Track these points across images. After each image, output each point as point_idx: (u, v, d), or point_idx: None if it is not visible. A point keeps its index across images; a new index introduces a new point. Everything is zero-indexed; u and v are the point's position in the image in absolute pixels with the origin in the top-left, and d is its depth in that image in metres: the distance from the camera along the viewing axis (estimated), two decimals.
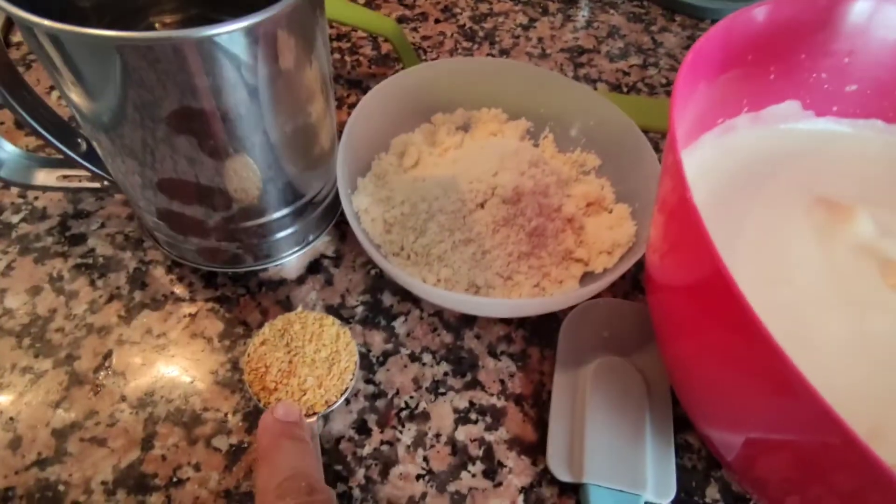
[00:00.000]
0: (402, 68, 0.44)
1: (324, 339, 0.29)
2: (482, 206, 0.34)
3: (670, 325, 0.27)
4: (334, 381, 0.28)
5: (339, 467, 0.28)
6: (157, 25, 0.32)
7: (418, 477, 0.28)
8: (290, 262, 0.35)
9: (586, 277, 0.34)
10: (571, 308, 0.33)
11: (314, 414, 0.27)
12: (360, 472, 0.28)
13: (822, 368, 0.25)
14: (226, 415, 0.29)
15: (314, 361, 0.28)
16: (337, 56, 0.48)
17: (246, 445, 0.28)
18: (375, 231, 0.34)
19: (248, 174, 0.28)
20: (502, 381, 0.31)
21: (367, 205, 0.34)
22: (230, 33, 0.22)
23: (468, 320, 0.34)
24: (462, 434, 0.29)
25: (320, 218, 0.35)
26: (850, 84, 0.34)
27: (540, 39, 0.53)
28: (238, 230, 0.31)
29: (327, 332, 0.29)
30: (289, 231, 0.33)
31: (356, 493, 0.27)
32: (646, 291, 0.32)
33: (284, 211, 0.31)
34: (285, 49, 0.25)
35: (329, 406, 0.28)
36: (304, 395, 0.27)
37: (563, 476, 0.28)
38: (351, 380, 0.28)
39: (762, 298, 0.27)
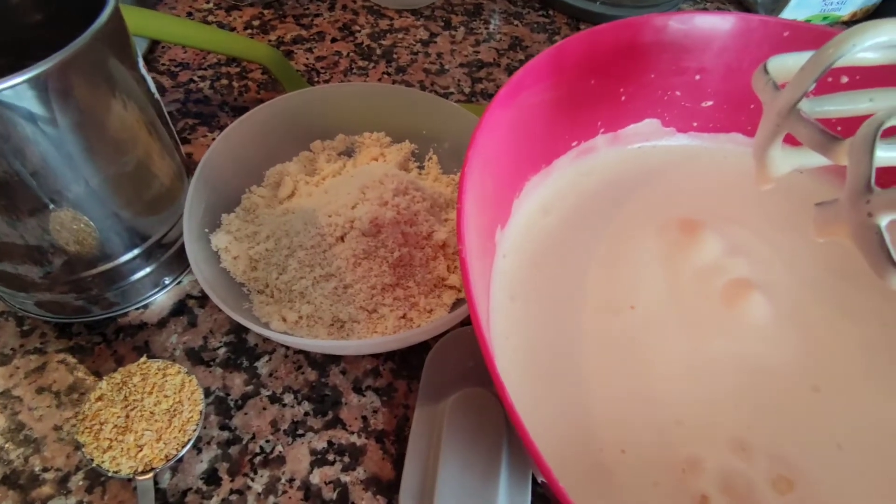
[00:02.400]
0: None
1: (166, 390, 0.28)
2: (342, 239, 0.33)
3: None
4: (175, 433, 0.27)
5: None
6: None
7: None
8: (154, 305, 0.34)
9: (459, 304, 0.34)
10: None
11: (151, 469, 0.26)
12: None
13: (660, 393, 0.26)
14: (67, 475, 0.28)
15: (153, 414, 0.27)
16: (224, 82, 0.47)
17: None
18: (238, 269, 0.33)
19: (78, 225, 0.27)
20: (365, 418, 0.31)
21: (226, 243, 0.33)
22: (13, 88, 0.22)
23: (335, 356, 0.33)
24: (317, 477, 0.29)
25: (178, 258, 0.34)
26: (705, 100, 0.34)
27: (439, 55, 0.52)
28: (82, 280, 0.30)
29: (170, 382, 0.28)
30: (141, 274, 0.32)
31: None
32: None
33: (130, 255, 0.30)
34: (84, 95, 0.24)
35: (169, 460, 0.27)
36: (141, 451, 0.26)
37: None
38: (194, 430, 0.28)
39: (604, 328, 0.28)
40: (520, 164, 0.29)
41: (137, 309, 0.33)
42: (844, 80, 0.27)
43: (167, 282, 0.33)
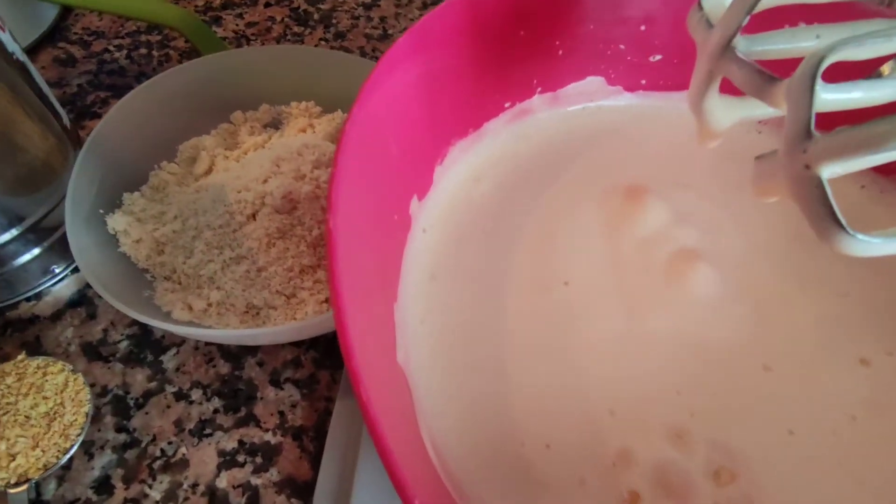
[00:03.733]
0: None
1: (45, 391, 0.25)
2: (253, 217, 0.30)
3: None
4: (56, 438, 0.24)
5: None
6: None
7: None
8: (49, 296, 0.30)
9: None
10: None
11: (27, 481, 0.23)
12: None
13: (592, 379, 0.23)
14: None
15: (29, 419, 0.24)
16: (143, 51, 0.43)
17: None
18: (141, 254, 0.30)
19: None
20: (282, 414, 0.28)
21: (124, 225, 0.30)
22: None
23: (251, 347, 0.30)
24: (224, 481, 0.26)
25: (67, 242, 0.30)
26: (654, 54, 0.31)
27: (382, 19, 0.49)
28: None
29: (51, 382, 0.25)
30: (24, 260, 0.28)
31: None
32: None
33: (5, 237, 0.27)
34: None
35: (48, 469, 0.24)
36: (14, 460, 0.23)
37: None
38: (78, 435, 0.25)
39: (532, 307, 0.25)
40: (438, 126, 0.26)
41: (29, 301, 0.30)
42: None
43: (57, 270, 0.30)
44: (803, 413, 0.23)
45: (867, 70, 0.20)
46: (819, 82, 0.16)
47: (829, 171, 0.16)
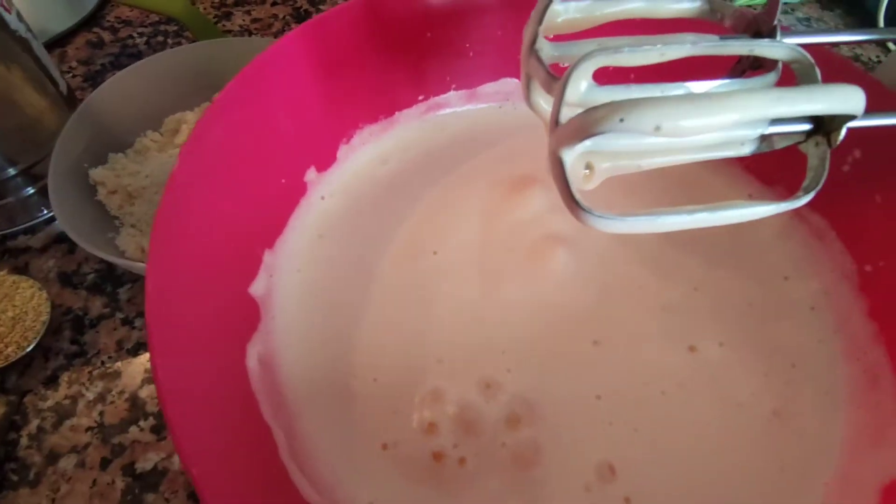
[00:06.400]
0: None
1: (15, 301, 0.31)
2: None
3: None
4: (16, 338, 0.30)
5: (16, 417, 0.30)
6: None
7: (88, 429, 0.30)
8: (42, 233, 0.37)
9: None
10: None
11: None
12: (35, 423, 0.30)
13: (434, 334, 0.27)
14: None
15: None
16: (160, 38, 0.50)
17: None
18: (114, 203, 0.36)
19: None
20: None
21: (103, 177, 0.36)
22: None
23: None
24: (145, 392, 0.31)
25: None
26: (564, 60, 0.34)
27: None
28: None
29: (21, 295, 0.31)
30: (21, 196, 0.35)
31: (23, 441, 0.30)
32: None
33: (5, 174, 0.34)
34: None
35: (7, 360, 0.30)
36: None
37: None
38: (35, 338, 0.31)
39: (400, 270, 0.29)
40: (341, 110, 0.30)
41: (25, 234, 0.37)
42: None
43: (46, 211, 0.37)
44: (617, 383, 0.25)
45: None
46: (584, 82, 0.19)
47: (570, 154, 0.19)
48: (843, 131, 0.19)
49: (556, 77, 0.21)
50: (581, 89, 0.19)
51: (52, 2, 0.49)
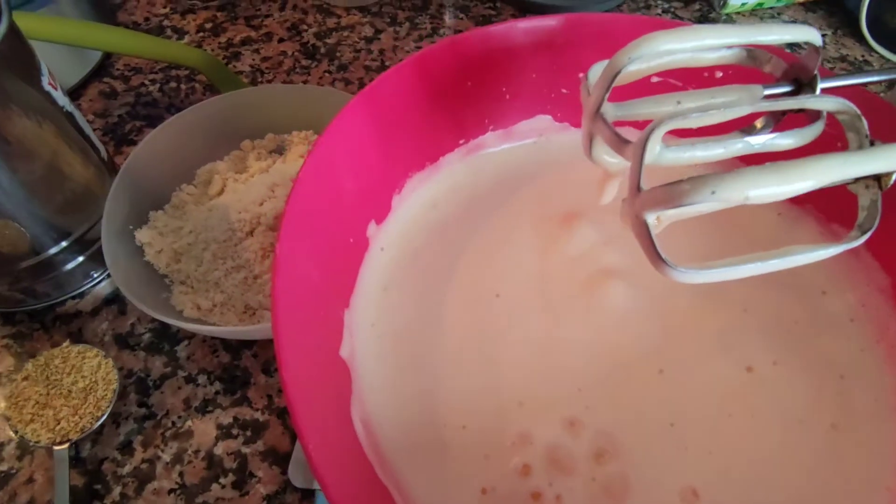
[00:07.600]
0: None
1: (83, 371, 0.32)
2: (251, 233, 0.36)
3: None
4: (90, 408, 0.31)
5: (98, 486, 0.31)
6: None
7: (170, 491, 0.31)
8: (89, 295, 0.37)
9: None
10: None
11: (68, 440, 0.30)
12: (117, 490, 0.31)
13: (508, 377, 0.28)
14: (1, 444, 0.32)
15: (71, 392, 0.31)
16: (173, 85, 0.50)
17: (14, 471, 0.31)
18: (162, 262, 0.37)
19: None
20: (270, 397, 0.34)
21: (149, 238, 0.36)
22: None
23: (247, 341, 0.36)
24: (221, 448, 0.32)
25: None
26: None
27: (381, 52, 0.54)
28: (14, 272, 0.33)
29: (88, 364, 0.32)
30: (71, 266, 0.35)
31: None
32: None
33: (55, 249, 0.34)
34: None
35: (84, 432, 0.30)
36: (59, 423, 0.30)
37: (298, 482, 0.30)
38: (108, 406, 0.31)
39: (466, 316, 0.30)
40: (394, 164, 0.31)
41: (74, 299, 0.37)
42: (655, 80, 0.28)
43: (95, 274, 0.37)
44: (686, 409, 0.27)
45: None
46: (657, 146, 0.21)
47: (653, 216, 0.20)
48: (894, 177, 0.21)
49: (622, 137, 0.22)
50: (655, 152, 0.21)
51: (60, 55, 0.49)
